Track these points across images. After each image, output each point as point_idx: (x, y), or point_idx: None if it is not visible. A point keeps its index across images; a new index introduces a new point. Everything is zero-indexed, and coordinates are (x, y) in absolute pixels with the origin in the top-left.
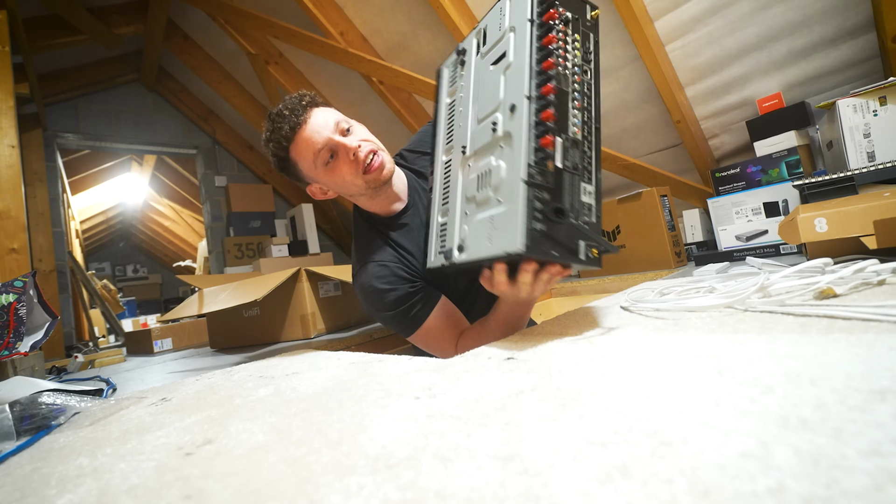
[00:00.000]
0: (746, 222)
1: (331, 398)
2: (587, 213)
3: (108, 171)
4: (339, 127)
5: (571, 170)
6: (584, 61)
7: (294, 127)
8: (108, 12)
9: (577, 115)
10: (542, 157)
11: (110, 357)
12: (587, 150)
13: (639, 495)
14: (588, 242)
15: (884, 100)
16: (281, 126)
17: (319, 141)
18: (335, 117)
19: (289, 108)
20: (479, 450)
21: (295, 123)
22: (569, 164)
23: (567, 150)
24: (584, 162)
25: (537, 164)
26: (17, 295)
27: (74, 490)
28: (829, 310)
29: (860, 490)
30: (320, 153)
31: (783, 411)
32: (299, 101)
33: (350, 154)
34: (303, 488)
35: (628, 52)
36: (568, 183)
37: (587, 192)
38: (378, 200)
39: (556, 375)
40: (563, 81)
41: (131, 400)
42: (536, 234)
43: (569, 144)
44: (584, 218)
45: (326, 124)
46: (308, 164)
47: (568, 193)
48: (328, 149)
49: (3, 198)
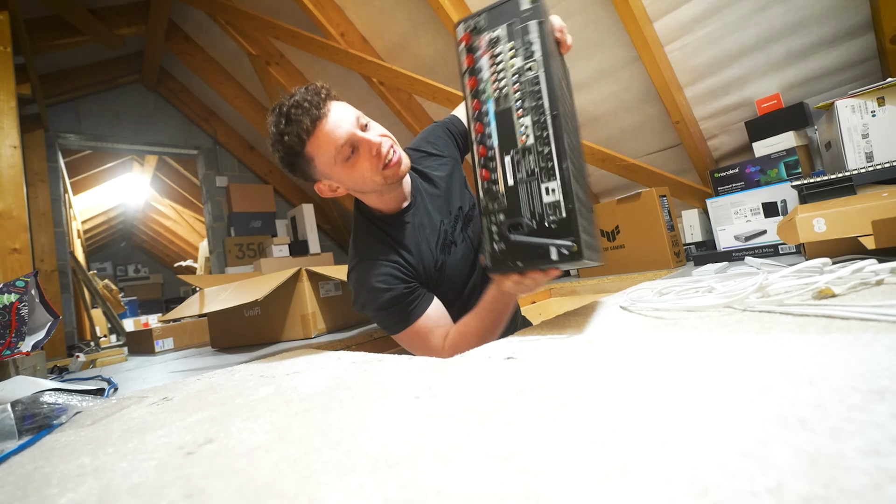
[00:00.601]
0: (745, 222)
1: (331, 397)
2: (552, 212)
3: (109, 172)
4: (359, 122)
5: (526, 179)
6: (525, 60)
7: (315, 120)
8: (110, 13)
9: (524, 123)
10: (489, 187)
11: (112, 357)
12: (542, 146)
13: (638, 494)
14: (556, 243)
15: (882, 100)
16: (300, 119)
17: (342, 136)
18: (353, 111)
19: (308, 100)
20: (479, 449)
21: (316, 117)
22: (521, 175)
23: (518, 163)
24: (540, 162)
25: (487, 194)
26: (18, 295)
27: (76, 489)
28: (828, 310)
29: (859, 489)
30: (342, 148)
31: (782, 411)
32: (317, 93)
33: (373, 150)
34: (303, 487)
35: (627, 53)
36: (525, 193)
37: (550, 191)
38: (387, 198)
39: (555, 375)
40: (501, 103)
41: (133, 399)
42: (497, 254)
43: (519, 157)
44: (551, 218)
45: (347, 118)
46: (327, 159)
47: (526, 203)
48: (350, 144)
49: (5, 198)
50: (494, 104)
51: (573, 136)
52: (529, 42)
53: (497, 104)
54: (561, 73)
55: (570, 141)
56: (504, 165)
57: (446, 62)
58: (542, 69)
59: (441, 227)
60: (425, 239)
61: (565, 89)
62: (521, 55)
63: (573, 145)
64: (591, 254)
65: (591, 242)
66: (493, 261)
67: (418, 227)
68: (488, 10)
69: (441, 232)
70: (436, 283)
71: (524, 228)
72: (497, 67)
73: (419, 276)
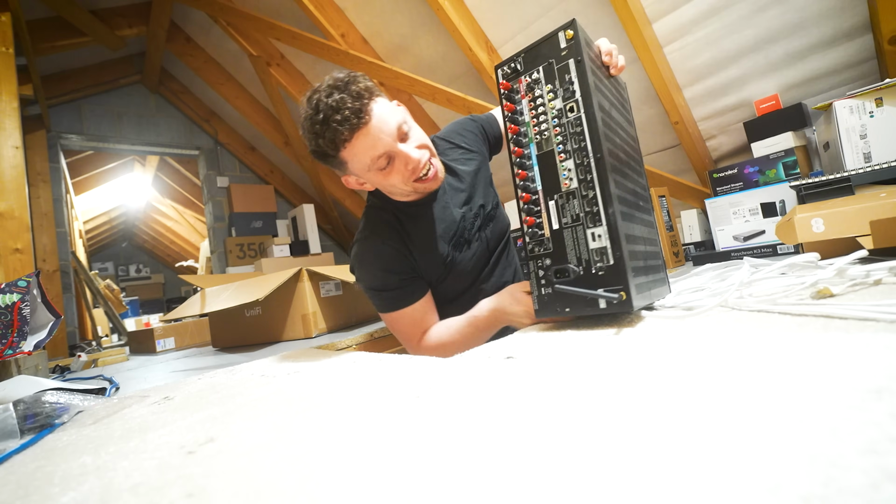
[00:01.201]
0: (744, 222)
1: (332, 397)
2: (599, 259)
3: (111, 172)
4: (399, 130)
5: (572, 224)
6: (565, 99)
7: (354, 129)
8: (111, 14)
9: (567, 167)
10: (534, 232)
11: (113, 356)
12: (587, 190)
13: (635, 494)
14: (603, 295)
15: (880, 101)
16: (339, 128)
17: (380, 148)
18: (395, 118)
19: (349, 107)
20: (479, 448)
21: (356, 126)
22: (567, 220)
23: (563, 207)
24: (585, 207)
25: (532, 239)
26: (20, 294)
27: (77, 488)
28: (826, 309)
29: (857, 488)
30: (378, 160)
31: (780, 409)
32: (360, 96)
33: (409, 165)
34: (304, 486)
35: (627, 54)
36: (570, 239)
37: (596, 237)
38: (412, 196)
39: (554, 375)
40: (543, 146)
41: (134, 399)
42: (544, 298)
43: (563, 201)
44: (598, 265)
45: (388, 127)
46: (361, 165)
47: (573, 249)
48: (387, 156)
49: (7, 198)
50: (536, 148)
51: (632, 158)
52: (569, 82)
53: (539, 147)
54: (609, 104)
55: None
56: (549, 210)
57: (446, 63)
58: (582, 110)
59: (459, 223)
60: (438, 233)
61: (618, 117)
62: (561, 96)
63: (628, 172)
64: (645, 297)
65: (646, 283)
66: (541, 304)
67: (433, 221)
68: (526, 51)
69: (458, 228)
70: (441, 276)
71: (570, 275)
72: (537, 111)
73: (419, 269)
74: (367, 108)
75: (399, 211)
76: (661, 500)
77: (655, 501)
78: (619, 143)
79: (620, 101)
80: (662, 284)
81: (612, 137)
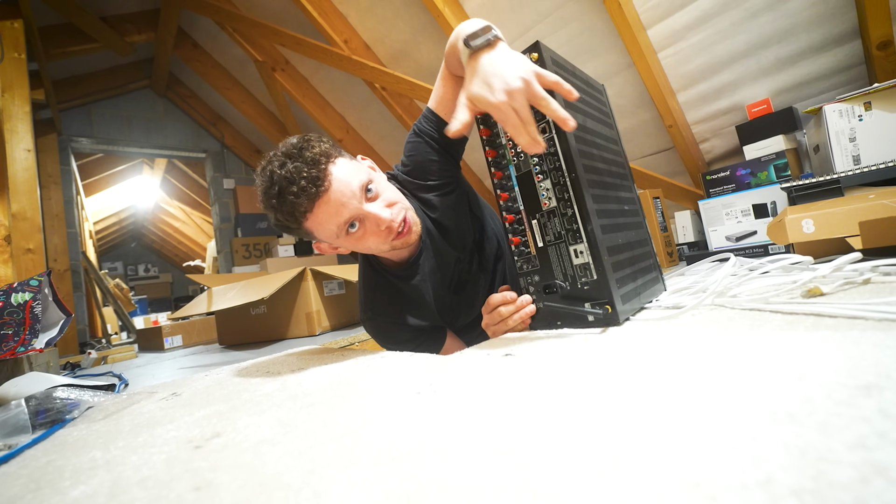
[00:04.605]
0: (736, 223)
1: (335, 393)
2: (583, 274)
3: (120, 174)
4: (364, 191)
5: (555, 241)
6: (537, 121)
7: (313, 199)
8: (121, 21)
9: (545, 186)
10: (521, 250)
11: (122, 353)
12: (566, 209)
13: (632, 487)
14: (589, 311)
15: (869, 105)
16: (297, 201)
17: (345, 214)
18: (359, 178)
19: (304, 176)
20: (478, 442)
21: (314, 195)
22: (550, 237)
23: (545, 225)
24: (566, 224)
25: (520, 257)
26: (32, 293)
27: (88, 482)
28: (816, 308)
29: (846, 482)
30: (344, 225)
31: (772, 405)
32: (315, 162)
33: (381, 225)
34: (308, 480)
35: (622, 59)
36: (555, 255)
37: (578, 254)
38: (394, 253)
39: (552, 371)
40: (521, 167)
41: (143, 395)
42: (538, 313)
43: (545, 220)
44: (582, 280)
45: (350, 190)
46: (329, 233)
47: (558, 266)
48: (355, 219)
49: (20, 200)
50: (515, 169)
51: (613, 164)
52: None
53: (517, 169)
54: (583, 116)
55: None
56: (532, 229)
57: None
58: (553, 131)
59: (455, 266)
60: (436, 283)
61: (594, 125)
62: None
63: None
64: (634, 303)
65: (634, 290)
66: (535, 318)
67: (429, 274)
68: None
69: (455, 272)
70: (451, 313)
71: (558, 290)
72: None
73: (432, 319)
74: (325, 173)
75: (393, 277)
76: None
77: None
78: (596, 154)
79: (597, 106)
80: (655, 284)
81: (589, 151)
